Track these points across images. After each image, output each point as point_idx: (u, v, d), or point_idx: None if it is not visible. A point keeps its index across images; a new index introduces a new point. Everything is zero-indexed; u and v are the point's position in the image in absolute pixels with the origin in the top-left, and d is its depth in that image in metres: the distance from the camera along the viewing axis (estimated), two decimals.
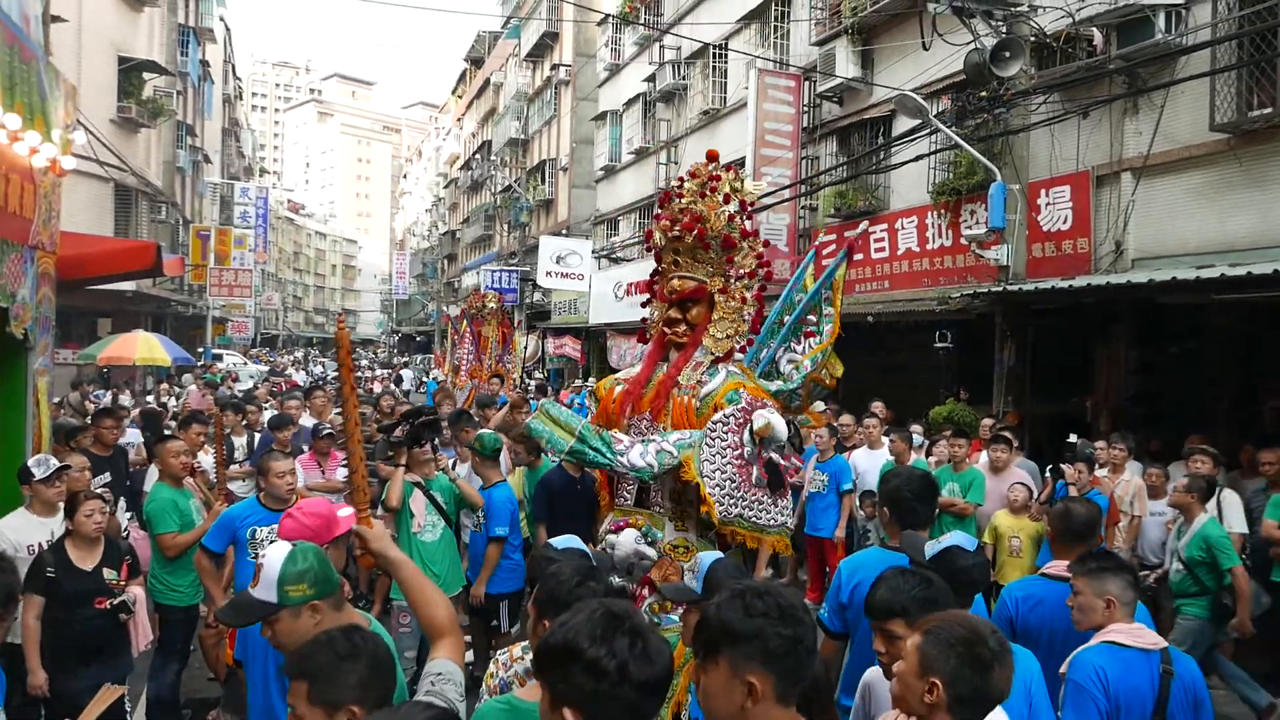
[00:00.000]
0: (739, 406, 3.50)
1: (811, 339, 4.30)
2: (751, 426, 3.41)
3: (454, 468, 6.83)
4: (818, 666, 2.42)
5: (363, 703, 1.99)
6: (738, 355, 3.96)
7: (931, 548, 2.76)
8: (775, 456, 3.48)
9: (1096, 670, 2.76)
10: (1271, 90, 7.82)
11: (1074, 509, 3.57)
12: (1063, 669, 2.82)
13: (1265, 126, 7.77)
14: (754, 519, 3.49)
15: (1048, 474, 7.39)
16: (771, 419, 3.39)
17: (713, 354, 3.80)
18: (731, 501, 3.44)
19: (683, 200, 3.79)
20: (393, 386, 22.39)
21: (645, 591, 3.55)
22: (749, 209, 3.86)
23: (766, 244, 3.82)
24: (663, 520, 3.66)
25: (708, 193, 3.75)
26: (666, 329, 3.85)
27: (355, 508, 2.35)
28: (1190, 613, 5.73)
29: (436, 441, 5.99)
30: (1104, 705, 2.72)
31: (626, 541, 3.54)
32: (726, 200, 3.75)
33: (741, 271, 3.84)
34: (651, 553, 3.54)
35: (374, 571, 6.44)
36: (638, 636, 1.65)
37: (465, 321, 13.41)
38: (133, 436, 9.18)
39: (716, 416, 3.49)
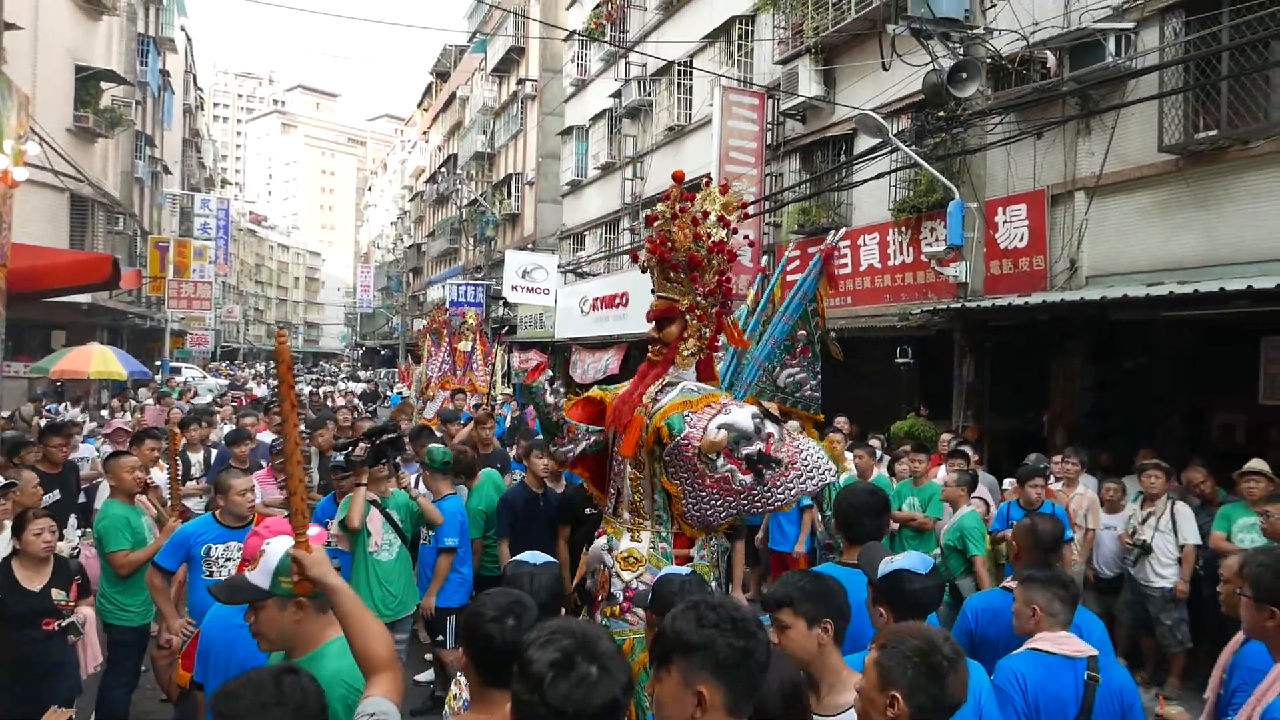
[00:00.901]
0: (679, 439, 3.56)
1: (806, 354, 4.42)
2: (699, 450, 3.48)
3: (416, 485, 6.76)
4: (796, 675, 2.43)
5: None
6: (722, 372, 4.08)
7: (884, 566, 2.78)
8: (749, 450, 3.49)
9: (1016, 675, 2.87)
10: (1216, 113, 8.08)
11: (1040, 526, 3.67)
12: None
13: (1211, 148, 8.00)
14: (766, 497, 3.58)
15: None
16: (731, 417, 3.48)
17: (678, 371, 3.87)
18: (729, 513, 3.63)
19: (657, 224, 3.87)
20: (356, 401, 22.11)
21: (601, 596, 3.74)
22: (732, 220, 3.89)
23: (733, 256, 3.87)
24: (622, 531, 3.81)
25: (679, 213, 3.79)
26: (648, 347, 3.96)
27: (294, 532, 2.30)
28: None
29: (399, 460, 5.93)
30: (1021, 707, 2.81)
31: (596, 548, 3.86)
32: (705, 217, 3.78)
33: (707, 289, 3.88)
34: (609, 560, 3.73)
35: None
36: (574, 658, 1.62)
37: (446, 335, 13.28)
38: (86, 451, 8.99)
39: (666, 456, 3.62)
